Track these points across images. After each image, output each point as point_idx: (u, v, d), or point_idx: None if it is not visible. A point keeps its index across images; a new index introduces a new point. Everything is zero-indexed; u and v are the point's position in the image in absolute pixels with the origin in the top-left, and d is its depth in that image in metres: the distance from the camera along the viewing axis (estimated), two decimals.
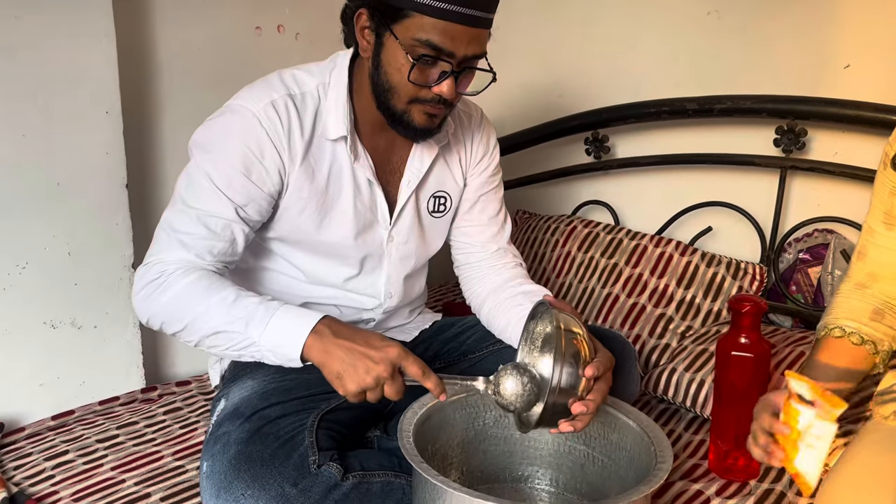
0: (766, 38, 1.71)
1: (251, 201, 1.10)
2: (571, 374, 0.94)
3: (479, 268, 1.34)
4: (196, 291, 1.04)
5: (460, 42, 1.03)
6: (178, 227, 1.08)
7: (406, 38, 1.03)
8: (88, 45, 1.39)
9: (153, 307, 1.07)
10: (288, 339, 1.00)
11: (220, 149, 1.09)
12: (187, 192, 1.10)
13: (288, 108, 1.10)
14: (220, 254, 1.10)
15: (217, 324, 1.03)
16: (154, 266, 1.08)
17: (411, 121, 1.10)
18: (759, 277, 1.67)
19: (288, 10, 1.76)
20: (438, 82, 1.05)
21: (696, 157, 1.79)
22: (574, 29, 2.04)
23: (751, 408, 1.22)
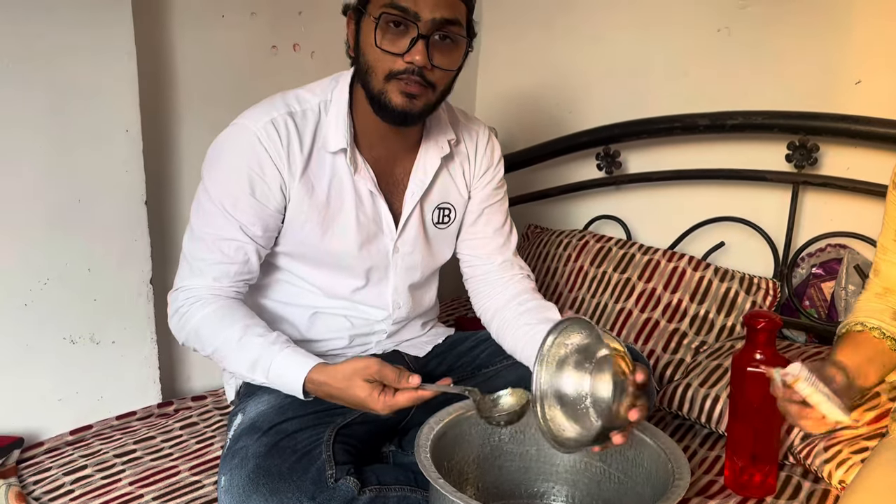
0: (777, 54, 1.72)
1: (258, 219, 1.14)
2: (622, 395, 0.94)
3: (487, 280, 1.35)
4: (210, 326, 1.13)
5: (426, 4, 1.03)
6: (194, 254, 1.16)
7: (375, 9, 1.05)
8: (110, 64, 1.42)
9: (181, 334, 1.17)
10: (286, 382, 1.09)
11: (223, 171, 1.14)
12: (198, 219, 1.16)
13: (287, 126, 1.14)
14: (237, 274, 1.16)
15: (229, 363, 1.13)
16: (180, 293, 1.17)
17: (389, 101, 1.09)
18: (773, 292, 1.67)
19: (303, 28, 1.78)
20: (409, 50, 1.05)
21: (708, 173, 1.79)
22: (583, 45, 2.06)
23: (766, 424, 1.22)
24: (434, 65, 1.07)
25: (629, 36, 1.97)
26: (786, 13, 1.69)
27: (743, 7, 1.76)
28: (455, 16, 1.07)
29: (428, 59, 1.05)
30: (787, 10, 1.69)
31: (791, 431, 1.31)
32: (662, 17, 1.90)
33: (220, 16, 1.64)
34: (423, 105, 1.11)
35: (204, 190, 1.15)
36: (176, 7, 1.57)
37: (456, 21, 1.07)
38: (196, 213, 1.17)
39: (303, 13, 1.78)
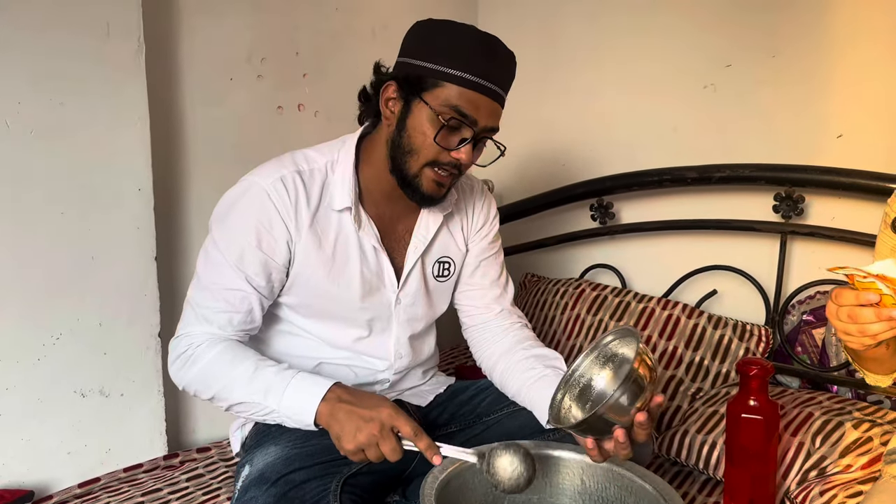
0: (761, 109, 1.80)
1: (263, 271, 1.19)
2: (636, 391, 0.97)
3: (487, 329, 1.40)
4: (219, 365, 1.15)
5: (483, 112, 1.15)
6: (200, 302, 1.19)
7: (436, 104, 1.14)
8: (124, 128, 1.48)
9: (185, 378, 1.18)
10: (302, 407, 1.09)
11: (232, 224, 1.19)
12: (205, 269, 1.20)
13: (295, 183, 1.20)
14: (240, 324, 1.20)
15: (240, 395, 1.13)
16: (183, 339, 1.19)
17: (420, 185, 1.19)
18: (765, 339, 1.71)
19: (308, 90, 1.86)
20: (458, 147, 1.15)
21: (699, 223, 1.85)
22: (575, 102, 2.15)
23: (763, 469, 1.25)
24: (472, 161, 1.19)
25: (619, 92, 2.05)
26: (768, 71, 1.78)
27: (728, 65, 1.84)
28: (497, 124, 1.20)
29: (471, 157, 1.18)
30: (770, 68, 1.77)
31: (787, 476, 1.34)
32: (651, 75, 1.98)
33: (228, 79, 1.71)
34: (446, 191, 1.23)
35: (212, 241, 1.21)
36: (186, 71, 1.64)
37: (497, 129, 1.20)
38: (203, 264, 1.21)
39: (307, 75, 1.85)
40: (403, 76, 1.17)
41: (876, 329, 0.85)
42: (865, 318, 0.85)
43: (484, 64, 1.13)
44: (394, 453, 1.03)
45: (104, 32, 1.43)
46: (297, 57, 1.84)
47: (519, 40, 2.22)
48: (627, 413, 0.98)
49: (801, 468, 1.33)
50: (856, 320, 0.86)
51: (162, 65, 1.59)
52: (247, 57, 1.74)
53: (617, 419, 0.99)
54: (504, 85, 1.18)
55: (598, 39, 2.08)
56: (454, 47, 1.13)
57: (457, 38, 1.14)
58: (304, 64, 1.85)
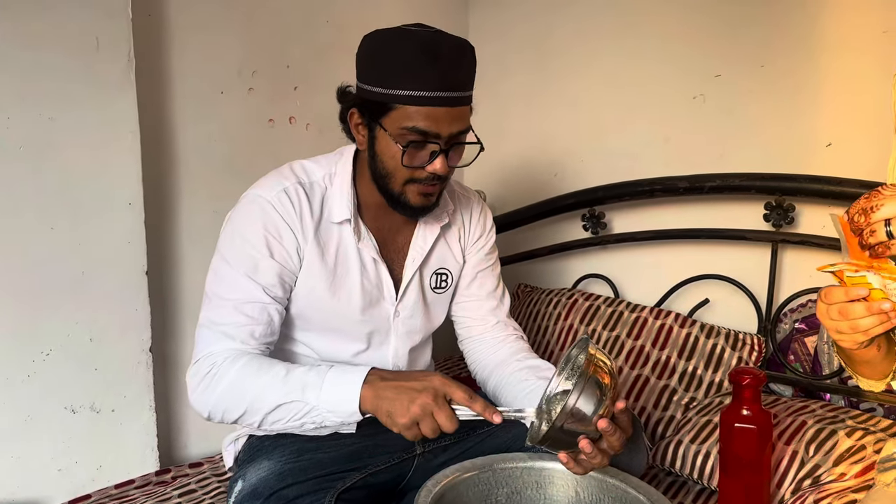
0: (751, 118, 1.81)
1: (279, 280, 1.18)
2: (591, 398, 0.95)
3: (482, 340, 1.40)
4: (249, 374, 1.10)
5: (444, 123, 1.12)
6: (218, 320, 1.16)
7: (394, 128, 1.12)
8: (114, 142, 1.48)
9: (211, 399, 1.13)
10: (344, 397, 1.05)
11: (242, 237, 1.17)
12: (219, 286, 1.18)
13: (298, 194, 1.19)
14: (262, 336, 1.17)
15: (276, 398, 1.08)
16: (203, 361, 1.14)
17: (408, 201, 1.18)
18: (758, 348, 1.71)
19: (299, 102, 1.86)
20: (430, 161, 1.14)
21: (690, 232, 1.85)
22: (566, 113, 2.15)
23: (757, 478, 1.25)
24: (450, 166, 1.17)
25: (609, 103, 2.06)
26: (758, 80, 1.79)
27: (717, 75, 1.85)
28: (466, 126, 1.16)
29: (447, 166, 1.15)
30: (759, 78, 1.78)
31: (781, 485, 1.34)
32: (641, 85, 1.99)
33: (219, 92, 1.71)
34: (437, 198, 1.22)
35: (222, 260, 1.18)
36: (177, 86, 1.64)
37: (467, 129, 1.17)
38: (215, 283, 1.18)
39: (298, 88, 1.86)
40: (361, 102, 1.16)
41: (867, 323, 0.84)
42: (856, 314, 0.84)
43: (432, 74, 1.08)
44: (450, 422, 1.00)
45: (94, 47, 1.43)
46: (287, 70, 1.84)
47: (509, 52, 2.26)
48: (590, 421, 0.96)
49: (795, 477, 1.33)
50: (846, 316, 0.85)
51: (152, 79, 1.59)
52: (237, 70, 1.74)
53: (580, 429, 0.97)
54: (460, 85, 1.12)
55: (588, 50, 2.09)
56: (396, 65, 1.09)
57: (398, 53, 1.09)
58: (295, 77, 1.85)
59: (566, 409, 0.95)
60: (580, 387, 0.95)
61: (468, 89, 1.16)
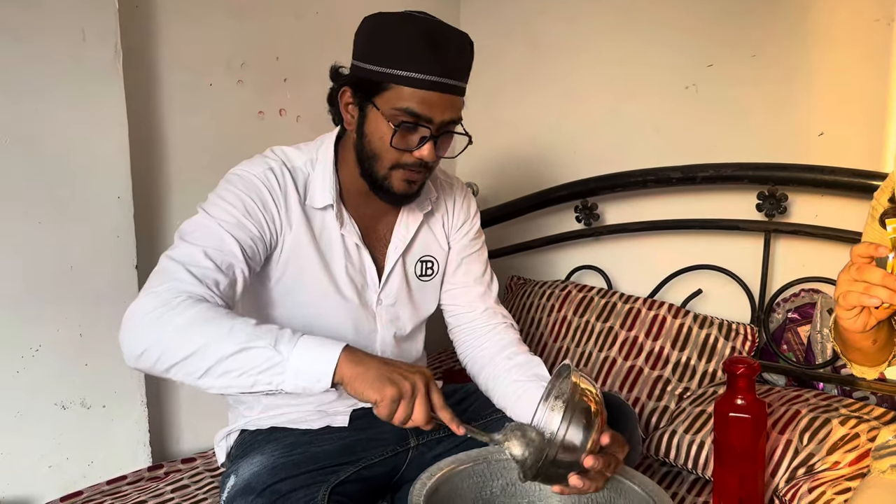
0: (743, 108, 1.81)
1: (251, 242, 1.12)
2: (579, 431, 0.95)
3: (471, 328, 1.39)
4: (215, 315, 0.97)
5: (437, 108, 1.11)
6: (185, 260, 1.04)
7: (387, 108, 1.11)
8: (102, 135, 1.46)
9: (155, 335, 0.96)
10: (319, 356, 0.95)
11: (223, 200, 1.13)
12: (191, 234, 1.09)
13: (284, 175, 1.18)
14: (224, 291, 1.06)
15: (240, 341, 0.94)
16: (163, 293, 0.99)
17: (391, 187, 1.17)
18: (751, 338, 1.71)
19: (289, 95, 1.85)
20: (419, 147, 1.13)
21: (683, 223, 1.85)
22: (557, 104, 2.15)
23: (751, 467, 1.25)
24: (438, 156, 1.16)
25: (601, 93, 2.05)
26: (750, 70, 1.78)
27: (709, 65, 1.85)
28: (457, 115, 1.16)
29: (435, 153, 1.14)
30: (751, 68, 1.78)
31: (776, 474, 1.34)
32: (632, 76, 1.99)
33: (208, 84, 1.69)
34: (419, 186, 1.20)
35: (202, 213, 1.12)
36: (165, 78, 1.62)
37: (458, 119, 1.16)
38: (189, 228, 1.10)
39: (288, 80, 1.84)
40: (355, 81, 1.15)
41: (877, 293, 0.85)
42: (872, 278, 0.85)
43: (431, 59, 1.08)
44: (427, 419, 0.96)
45: (80, 38, 1.41)
46: (277, 62, 1.82)
47: (501, 42, 2.25)
48: (580, 453, 0.95)
49: (790, 466, 1.34)
50: (861, 274, 0.86)
51: (140, 71, 1.57)
52: (226, 62, 1.72)
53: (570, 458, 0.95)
54: (457, 74, 1.13)
55: (579, 41, 2.08)
56: (398, 46, 1.09)
57: (400, 36, 1.09)
58: (284, 69, 1.84)
59: (556, 442, 0.94)
60: (567, 418, 0.94)
61: (463, 80, 1.15)
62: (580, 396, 0.96)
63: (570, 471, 0.97)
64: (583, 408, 0.96)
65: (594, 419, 0.96)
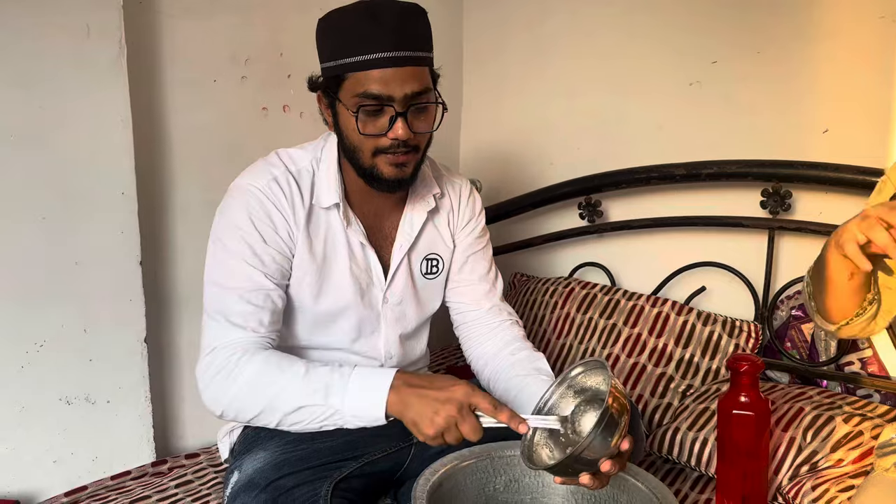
0: (748, 105, 1.80)
1: (276, 266, 1.17)
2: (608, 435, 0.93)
3: (476, 326, 1.39)
4: (267, 372, 1.07)
5: (395, 84, 1.09)
6: (224, 310, 1.13)
7: (348, 98, 1.11)
8: (106, 130, 1.46)
9: (226, 397, 1.09)
10: (369, 402, 1.02)
11: (235, 227, 1.16)
12: (220, 275, 1.16)
13: (289, 182, 1.19)
14: (269, 323, 1.15)
15: (297, 400, 1.05)
16: (219, 353, 1.10)
17: (381, 174, 1.16)
18: (755, 335, 1.71)
19: (292, 91, 1.84)
20: (391, 127, 1.11)
21: (687, 220, 1.85)
22: (561, 101, 2.14)
23: (755, 465, 1.25)
24: (415, 132, 1.13)
25: (605, 90, 2.04)
26: (754, 67, 1.78)
27: (713, 62, 1.84)
28: (424, 86, 1.12)
29: (409, 130, 1.12)
30: (755, 64, 1.77)
31: (779, 472, 1.34)
32: (636, 72, 1.98)
33: (212, 80, 1.69)
34: (412, 169, 1.19)
35: (220, 249, 1.16)
36: (169, 73, 1.62)
37: (425, 90, 1.13)
38: (216, 272, 1.16)
39: (291, 76, 1.84)
40: (323, 83, 1.16)
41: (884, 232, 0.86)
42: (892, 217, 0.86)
43: (372, 37, 1.06)
44: (475, 433, 0.99)
45: (84, 34, 1.41)
46: (281, 58, 1.82)
47: (503, 38, 2.24)
48: (603, 452, 0.94)
49: (793, 463, 1.33)
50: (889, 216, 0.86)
51: (144, 67, 1.57)
52: (230, 58, 1.72)
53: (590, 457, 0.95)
54: (409, 44, 1.09)
55: (582, 36, 2.07)
56: (343, 35, 1.09)
57: (343, 25, 1.09)
58: (288, 64, 1.83)
59: (586, 443, 0.92)
60: (602, 422, 0.92)
61: (421, 49, 1.12)
62: (615, 401, 0.95)
63: (585, 470, 0.96)
64: (616, 414, 0.95)
65: (622, 425, 0.95)
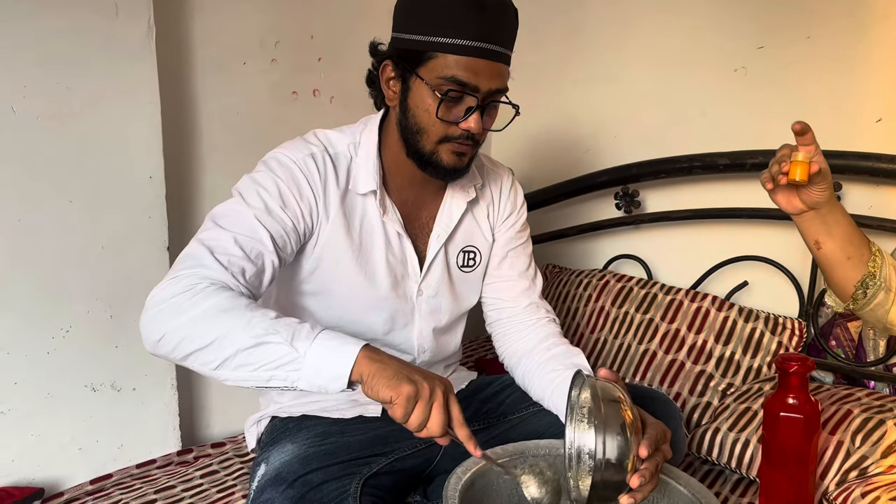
0: (795, 92, 1.73)
1: (283, 233, 1.10)
2: (619, 446, 0.89)
3: (512, 324, 1.34)
4: (234, 306, 0.95)
5: (483, 76, 1.07)
6: (213, 245, 1.02)
7: (432, 77, 1.07)
8: (134, 113, 1.44)
9: (175, 322, 0.94)
10: (337, 353, 0.91)
11: (259, 185, 1.10)
12: (224, 216, 1.07)
13: (325, 161, 1.15)
14: (251, 280, 1.04)
15: (257, 334, 0.92)
16: (187, 278, 0.97)
17: (440, 161, 1.13)
18: (799, 332, 1.65)
19: (323, 74, 1.81)
20: (465, 118, 1.09)
21: (729, 212, 1.78)
22: (599, 85, 2.08)
23: (803, 470, 1.20)
24: (485, 128, 1.12)
25: (645, 76, 1.98)
26: (802, 53, 1.70)
27: (760, 47, 1.77)
28: (504, 84, 1.11)
29: (481, 125, 1.10)
30: (804, 50, 1.70)
31: (825, 477, 1.28)
32: (678, 57, 1.91)
33: (241, 63, 1.66)
34: (469, 160, 1.16)
35: (238, 199, 1.09)
36: (198, 56, 1.59)
37: (504, 89, 1.12)
38: (221, 213, 1.08)
39: (322, 59, 1.80)
40: (397, 53, 1.11)
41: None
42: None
43: (474, 24, 1.04)
44: (440, 427, 0.90)
45: (112, 13, 1.38)
46: (311, 40, 1.79)
47: (541, 20, 2.18)
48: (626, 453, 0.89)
49: (841, 468, 1.28)
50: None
51: (173, 48, 1.55)
52: (260, 40, 1.69)
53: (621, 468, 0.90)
54: (501, 41, 1.08)
55: (623, 19, 2.01)
56: (439, 13, 1.05)
57: (440, 2, 1.06)
58: (319, 48, 1.80)
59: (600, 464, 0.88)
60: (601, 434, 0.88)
61: (508, 47, 1.11)
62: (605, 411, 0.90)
63: (619, 492, 0.91)
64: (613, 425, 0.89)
65: (629, 434, 0.90)
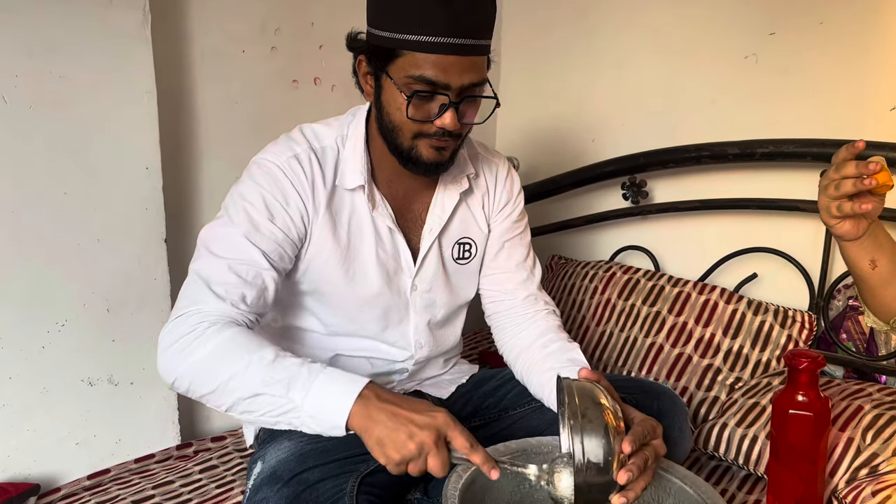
0: (807, 80, 1.69)
1: (277, 247, 1.09)
2: (598, 446, 0.87)
3: (511, 316, 1.32)
4: (233, 349, 0.97)
5: (454, 73, 1.02)
6: (209, 276, 1.04)
7: (400, 76, 1.03)
8: (130, 103, 1.41)
9: (183, 365, 0.99)
10: (332, 404, 0.93)
11: (243, 199, 1.10)
12: (215, 242, 1.08)
13: (311, 161, 1.12)
14: (253, 303, 1.06)
15: (255, 385, 0.95)
16: (191, 317, 1.01)
17: (419, 156, 1.10)
18: (809, 326, 1.61)
19: (324, 63, 1.78)
20: (439, 115, 1.05)
21: (739, 202, 1.75)
22: (605, 72, 2.04)
23: (812, 467, 1.17)
24: (462, 122, 1.07)
25: (653, 63, 1.94)
26: (815, 39, 1.66)
27: (771, 33, 1.72)
28: (481, 77, 1.06)
29: (457, 121, 1.05)
30: (817, 36, 1.66)
31: (835, 474, 1.25)
32: (687, 44, 1.87)
33: (240, 51, 1.63)
34: (451, 154, 1.12)
35: (222, 216, 1.10)
36: (196, 43, 1.56)
37: (482, 81, 1.07)
38: (211, 238, 1.09)
39: (323, 47, 1.77)
40: (368, 49, 1.07)
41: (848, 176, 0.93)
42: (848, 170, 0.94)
43: (442, 18, 0.99)
44: (443, 469, 0.89)
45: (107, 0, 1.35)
46: (312, 28, 1.75)
47: (543, 6, 2.14)
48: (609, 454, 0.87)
49: (851, 466, 1.25)
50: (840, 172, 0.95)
51: (170, 35, 1.51)
52: (260, 28, 1.66)
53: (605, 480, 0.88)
54: (475, 32, 1.02)
55: (631, 3, 1.96)
56: (406, 8, 1.00)
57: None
58: (319, 35, 1.77)
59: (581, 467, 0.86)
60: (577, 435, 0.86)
61: (483, 38, 1.05)
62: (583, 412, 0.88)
63: (608, 492, 0.89)
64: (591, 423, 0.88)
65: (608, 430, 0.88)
